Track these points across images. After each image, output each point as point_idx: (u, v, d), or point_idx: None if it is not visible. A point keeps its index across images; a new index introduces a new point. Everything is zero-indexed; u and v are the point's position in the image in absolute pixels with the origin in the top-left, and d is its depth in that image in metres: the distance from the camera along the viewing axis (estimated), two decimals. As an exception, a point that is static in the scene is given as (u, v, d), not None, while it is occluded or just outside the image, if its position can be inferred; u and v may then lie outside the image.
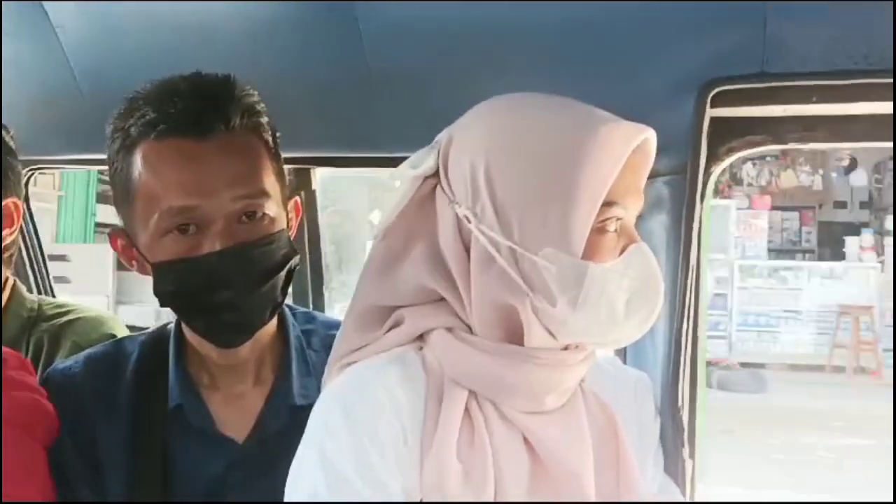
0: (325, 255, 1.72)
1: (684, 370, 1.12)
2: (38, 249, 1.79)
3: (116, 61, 1.44)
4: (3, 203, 1.28)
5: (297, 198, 1.15)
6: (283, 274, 1.06)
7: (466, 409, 0.86)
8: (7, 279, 1.38)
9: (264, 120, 1.08)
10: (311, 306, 1.64)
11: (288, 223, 1.10)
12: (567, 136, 0.84)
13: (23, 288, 1.41)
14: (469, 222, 0.86)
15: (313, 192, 1.61)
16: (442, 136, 0.92)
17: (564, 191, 0.83)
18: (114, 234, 1.09)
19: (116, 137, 1.05)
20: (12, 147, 1.37)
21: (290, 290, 1.12)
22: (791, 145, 1.22)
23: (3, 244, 1.32)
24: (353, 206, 7.35)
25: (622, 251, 0.86)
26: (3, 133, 1.38)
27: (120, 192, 1.06)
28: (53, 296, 1.79)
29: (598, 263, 0.84)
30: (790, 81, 1.13)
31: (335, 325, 1.17)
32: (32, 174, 1.79)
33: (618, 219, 0.86)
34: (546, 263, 0.83)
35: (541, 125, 0.86)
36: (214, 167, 1.01)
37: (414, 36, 1.26)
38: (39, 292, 1.76)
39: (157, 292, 1.05)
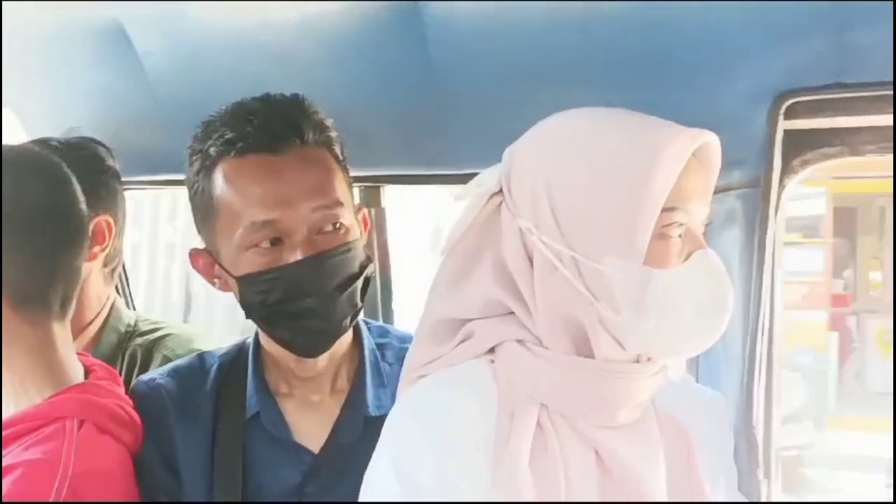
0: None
1: (759, 389, 1.09)
2: (121, 269, 1.85)
3: (196, 86, 1.49)
4: (95, 220, 1.35)
5: (365, 210, 1.17)
6: (360, 281, 1.09)
7: (538, 423, 0.86)
8: (108, 295, 1.44)
9: (333, 134, 1.11)
10: (380, 318, 1.66)
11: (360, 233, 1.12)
12: (624, 142, 0.84)
13: (122, 303, 1.47)
14: (532, 234, 0.87)
15: (383, 209, 1.63)
16: (505, 154, 0.93)
17: (623, 197, 0.83)
18: (195, 253, 1.13)
19: (195, 159, 1.09)
20: (110, 165, 1.43)
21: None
22: (868, 157, 1.19)
23: (104, 259, 1.39)
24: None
25: (688, 258, 0.85)
26: (103, 151, 1.44)
27: (201, 211, 1.10)
28: (134, 309, 1.85)
29: (663, 270, 0.84)
30: (867, 92, 1.10)
31: (409, 339, 1.18)
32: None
33: (681, 224, 0.85)
34: (609, 271, 0.83)
35: (597, 135, 0.87)
36: (293, 180, 1.05)
37: (482, 56, 1.27)
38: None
39: (243, 304, 1.08)
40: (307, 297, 1.04)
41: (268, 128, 1.05)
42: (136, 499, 1.05)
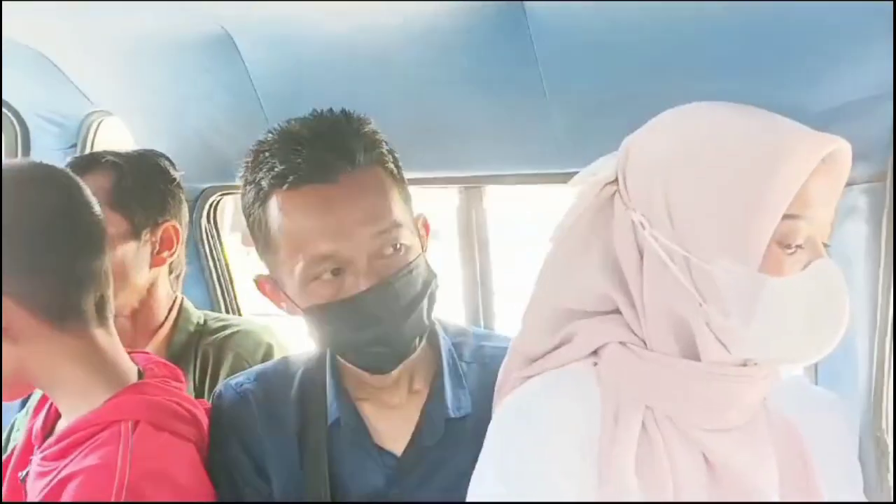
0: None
1: (887, 391, 1.04)
2: (226, 271, 1.91)
3: (300, 91, 1.51)
4: (164, 226, 1.42)
5: (424, 217, 1.15)
6: (425, 301, 1.07)
7: (644, 426, 0.85)
8: (176, 297, 1.49)
9: (385, 149, 1.08)
10: (482, 321, 1.66)
11: (421, 242, 1.10)
12: (749, 144, 0.81)
13: (190, 304, 1.51)
14: (644, 228, 0.85)
15: (484, 210, 1.63)
16: (623, 144, 0.91)
17: (743, 201, 0.80)
18: (261, 280, 1.12)
19: (249, 190, 1.08)
20: (174, 175, 1.49)
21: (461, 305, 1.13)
22: None
23: (170, 264, 1.44)
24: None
25: (805, 266, 0.82)
26: (165, 162, 1.50)
27: (261, 241, 1.09)
28: (240, 314, 1.90)
29: (778, 277, 0.80)
30: None
31: (486, 337, 1.20)
32: (220, 199, 1.92)
33: (802, 233, 0.81)
34: (720, 274, 0.80)
35: (722, 133, 0.83)
36: (349, 209, 1.02)
37: (588, 54, 1.25)
38: (229, 312, 1.88)
39: (311, 333, 1.09)
40: (374, 325, 1.03)
41: (317, 158, 1.02)
42: (206, 489, 1.05)
